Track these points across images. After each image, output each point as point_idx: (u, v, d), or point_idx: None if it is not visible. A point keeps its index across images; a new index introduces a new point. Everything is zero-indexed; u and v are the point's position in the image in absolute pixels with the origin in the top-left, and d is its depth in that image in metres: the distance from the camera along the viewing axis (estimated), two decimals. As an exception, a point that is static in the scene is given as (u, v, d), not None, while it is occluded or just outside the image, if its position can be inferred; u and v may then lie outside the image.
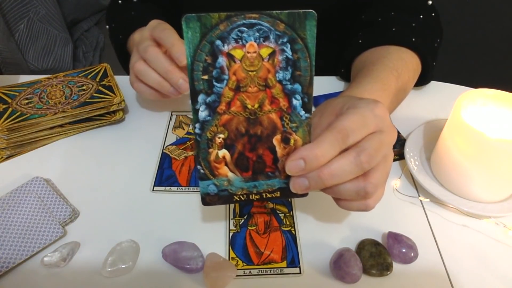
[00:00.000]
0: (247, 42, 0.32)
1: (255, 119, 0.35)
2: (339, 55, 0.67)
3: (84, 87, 0.60)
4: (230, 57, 0.32)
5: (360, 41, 0.62)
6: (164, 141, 0.58)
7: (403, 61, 0.56)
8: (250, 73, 0.33)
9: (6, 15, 1.17)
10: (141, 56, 0.53)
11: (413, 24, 0.61)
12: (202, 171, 0.36)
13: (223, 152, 0.36)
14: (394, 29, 0.60)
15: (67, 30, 1.37)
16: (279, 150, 0.36)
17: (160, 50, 0.52)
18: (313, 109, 0.36)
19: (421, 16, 0.62)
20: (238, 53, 0.32)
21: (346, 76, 0.66)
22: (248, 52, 0.32)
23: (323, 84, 0.67)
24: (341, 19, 0.69)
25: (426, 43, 0.60)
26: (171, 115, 0.63)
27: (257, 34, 0.31)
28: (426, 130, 0.56)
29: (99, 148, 0.57)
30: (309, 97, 0.34)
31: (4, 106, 0.57)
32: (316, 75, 0.34)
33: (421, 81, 0.63)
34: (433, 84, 0.67)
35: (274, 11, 0.31)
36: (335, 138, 0.33)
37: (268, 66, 0.33)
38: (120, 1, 0.70)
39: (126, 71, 0.69)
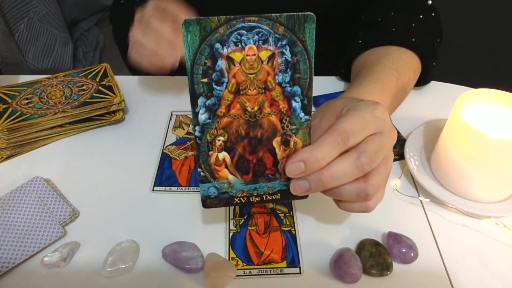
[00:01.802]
0: (246, 45, 0.32)
1: (255, 122, 0.35)
2: (339, 55, 0.67)
3: (84, 87, 0.60)
4: (229, 60, 0.32)
5: (360, 41, 0.62)
6: (164, 141, 0.58)
7: (403, 62, 0.56)
8: (249, 75, 0.33)
9: (6, 15, 1.17)
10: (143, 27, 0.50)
11: (413, 24, 0.61)
12: (202, 173, 0.36)
13: (223, 155, 0.36)
14: (394, 29, 0.60)
15: (67, 30, 1.37)
16: (279, 152, 0.36)
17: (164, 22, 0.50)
18: (313, 110, 0.36)
19: (421, 16, 0.62)
20: (237, 56, 0.32)
21: (346, 76, 0.66)
22: (247, 55, 0.32)
23: (323, 84, 0.67)
24: (342, 19, 0.69)
25: (426, 43, 0.60)
26: (171, 115, 0.63)
27: (256, 37, 0.31)
28: (426, 130, 0.56)
29: (99, 148, 0.57)
30: (308, 100, 0.34)
31: (4, 106, 0.57)
32: (316, 74, 0.34)
33: (421, 81, 0.63)
34: (433, 84, 0.67)
35: (273, 14, 0.31)
36: (335, 140, 0.33)
37: (267, 68, 0.33)
38: (122, 1, 0.70)
39: (129, 68, 0.69)
